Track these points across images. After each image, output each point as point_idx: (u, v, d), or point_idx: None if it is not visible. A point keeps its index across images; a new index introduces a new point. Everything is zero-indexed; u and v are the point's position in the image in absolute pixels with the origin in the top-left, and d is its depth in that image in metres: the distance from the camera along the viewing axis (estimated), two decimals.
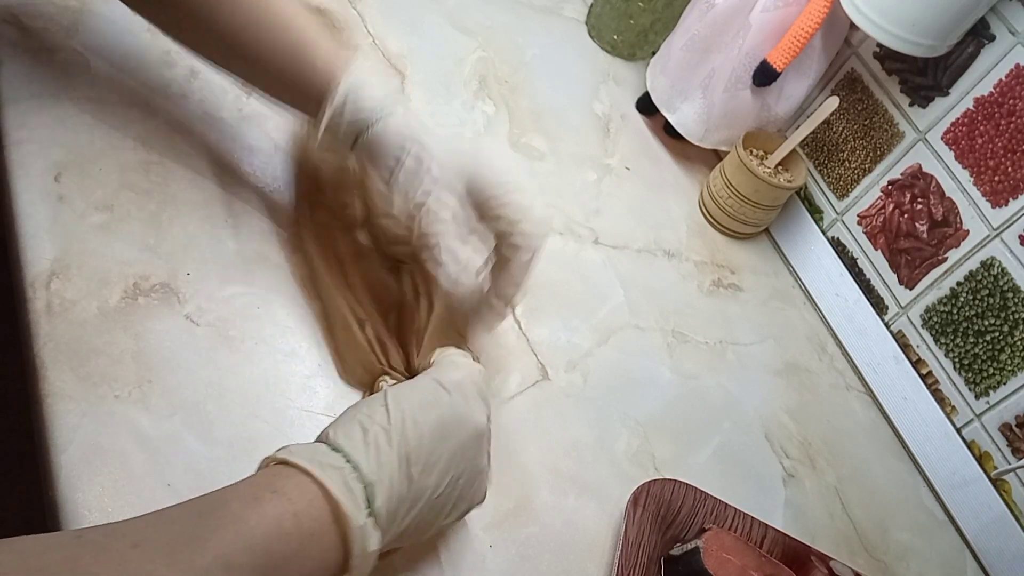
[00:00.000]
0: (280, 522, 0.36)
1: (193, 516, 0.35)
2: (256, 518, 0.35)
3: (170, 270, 0.53)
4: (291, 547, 0.36)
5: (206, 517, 0.35)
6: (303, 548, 0.36)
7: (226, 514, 0.35)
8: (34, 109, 0.55)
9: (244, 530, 0.35)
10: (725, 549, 0.54)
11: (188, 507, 0.35)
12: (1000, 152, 0.68)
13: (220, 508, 0.35)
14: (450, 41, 0.84)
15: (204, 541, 0.33)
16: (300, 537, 0.36)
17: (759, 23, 0.76)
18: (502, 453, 0.56)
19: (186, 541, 0.33)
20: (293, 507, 0.36)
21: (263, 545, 0.35)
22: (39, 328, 0.46)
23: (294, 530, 0.36)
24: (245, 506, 0.36)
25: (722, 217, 0.83)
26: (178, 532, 0.34)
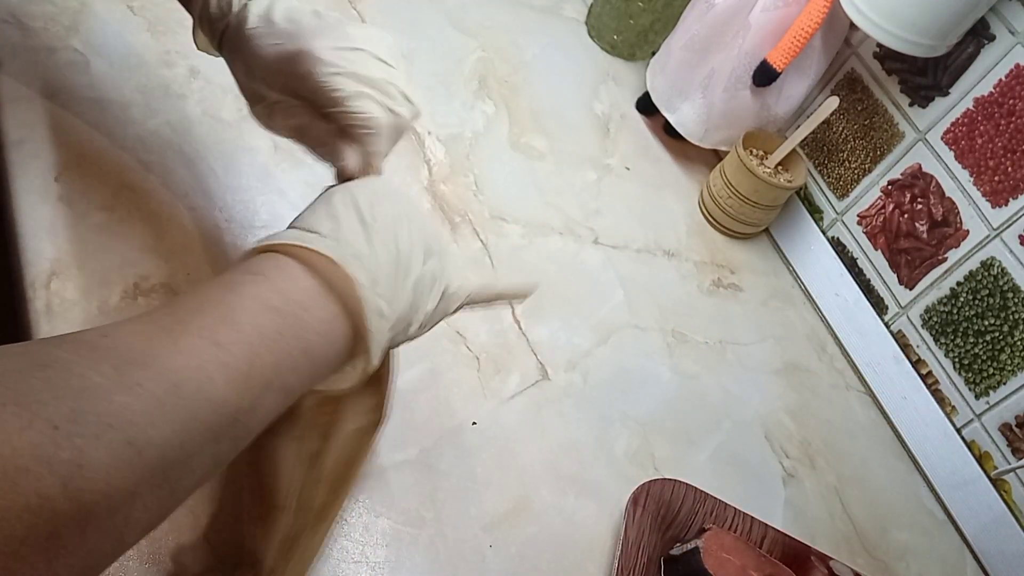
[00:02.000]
0: (265, 299, 0.33)
1: (168, 308, 0.32)
2: (237, 299, 0.33)
3: (170, 270, 0.53)
4: (284, 321, 0.33)
5: (184, 306, 0.32)
6: (298, 320, 0.34)
7: (205, 300, 0.33)
8: (34, 109, 0.55)
9: (226, 311, 0.32)
10: (725, 549, 0.54)
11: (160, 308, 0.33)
12: (1000, 152, 0.68)
13: (195, 298, 0.33)
14: (450, 41, 0.84)
15: (184, 324, 0.31)
16: (292, 312, 0.34)
17: (759, 23, 0.76)
18: (502, 453, 0.56)
19: (162, 329, 0.30)
20: (274, 284, 0.34)
21: (250, 321, 0.32)
22: (39, 328, 0.46)
23: (283, 305, 0.33)
24: (224, 291, 0.33)
25: (722, 217, 0.83)
26: (155, 321, 0.31)
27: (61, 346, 0.28)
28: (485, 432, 0.57)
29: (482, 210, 0.71)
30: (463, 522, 0.52)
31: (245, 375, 0.31)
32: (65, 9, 0.62)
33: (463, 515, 0.52)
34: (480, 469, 0.55)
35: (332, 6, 0.78)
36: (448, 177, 0.71)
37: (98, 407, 0.26)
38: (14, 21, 0.59)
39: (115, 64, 0.61)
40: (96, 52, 0.61)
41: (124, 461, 0.26)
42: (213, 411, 0.30)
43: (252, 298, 0.33)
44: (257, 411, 0.32)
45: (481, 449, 0.56)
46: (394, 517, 0.50)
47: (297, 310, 0.34)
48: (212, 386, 0.30)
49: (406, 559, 0.49)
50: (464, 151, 0.74)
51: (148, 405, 0.27)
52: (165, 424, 0.28)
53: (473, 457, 0.55)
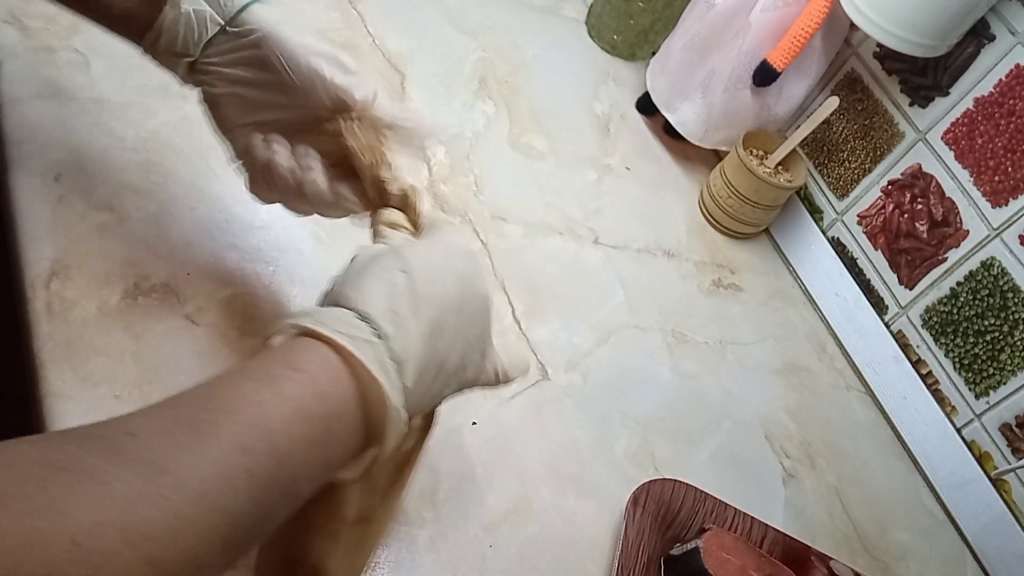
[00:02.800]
0: (302, 403, 0.31)
1: (200, 400, 0.30)
2: (274, 399, 0.31)
3: (170, 270, 0.53)
4: (315, 430, 0.32)
5: (216, 400, 0.30)
6: (328, 431, 0.32)
7: (239, 396, 0.31)
8: (34, 109, 0.55)
9: (260, 413, 0.30)
10: (725, 549, 0.54)
11: (194, 392, 0.31)
12: (1000, 152, 0.68)
13: (232, 389, 0.31)
14: (450, 41, 0.84)
15: (214, 426, 0.29)
16: (324, 419, 0.32)
17: (759, 23, 0.76)
18: (502, 453, 0.56)
19: (193, 427, 0.29)
20: (316, 387, 0.32)
21: (283, 429, 0.31)
22: (39, 328, 0.46)
23: (318, 411, 0.32)
24: (261, 386, 0.31)
25: (722, 217, 0.83)
26: (184, 417, 0.29)
27: (84, 445, 0.26)
28: (485, 432, 0.57)
29: (482, 210, 0.71)
30: (463, 522, 0.52)
31: (267, 486, 0.30)
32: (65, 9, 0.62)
33: (463, 515, 0.52)
34: (480, 469, 0.55)
35: (332, 7, 0.78)
36: (448, 177, 0.71)
37: (121, 520, 0.25)
38: (14, 21, 0.59)
39: (115, 64, 0.61)
40: (96, 52, 0.61)
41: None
42: (231, 524, 0.28)
43: (290, 401, 0.31)
44: (268, 520, 0.31)
45: (481, 449, 0.56)
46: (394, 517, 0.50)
47: (331, 422, 0.32)
48: (234, 496, 0.28)
49: (406, 559, 0.49)
50: (464, 151, 0.74)
51: (170, 519, 0.26)
52: (185, 540, 0.26)
53: (473, 457, 0.55)
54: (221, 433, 0.29)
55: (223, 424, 0.29)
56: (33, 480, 0.24)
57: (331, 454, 0.33)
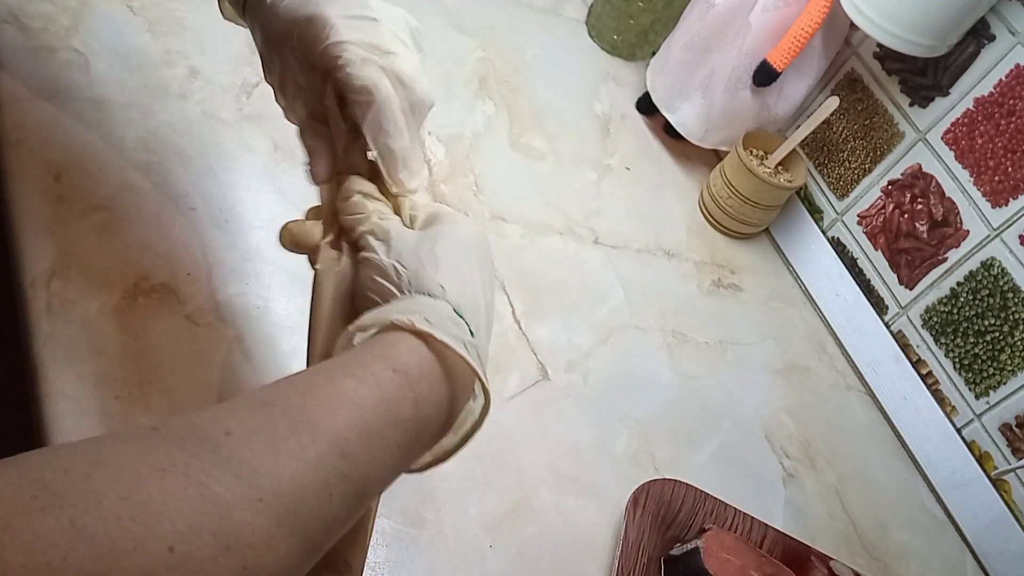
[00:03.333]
0: (400, 408, 0.31)
1: (297, 396, 0.29)
2: (374, 402, 0.30)
3: (170, 270, 0.53)
4: (407, 436, 0.31)
5: (314, 397, 0.29)
6: (419, 437, 0.32)
7: (338, 394, 0.30)
8: (34, 109, 0.55)
9: (360, 416, 0.29)
10: (725, 549, 0.54)
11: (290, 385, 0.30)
12: (1000, 152, 0.68)
13: (330, 386, 0.30)
14: (450, 41, 0.84)
15: (313, 426, 0.28)
16: (417, 424, 0.32)
17: (759, 23, 0.76)
18: (502, 453, 0.56)
19: (291, 425, 0.27)
20: (415, 392, 0.32)
21: (379, 432, 0.30)
22: (39, 328, 0.46)
23: (414, 417, 0.31)
24: (361, 385, 0.30)
25: (722, 217, 0.83)
26: (280, 415, 0.28)
27: (182, 445, 0.25)
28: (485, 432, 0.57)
29: (482, 210, 0.71)
30: (463, 522, 0.52)
31: (359, 489, 0.29)
32: (65, 9, 0.62)
33: (463, 515, 0.52)
34: (480, 469, 0.55)
35: None
36: (448, 177, 0.71)
37: (218, 525, 0.24)
38: (14, 21, 0.59)
39: (115, 64, 0.61)
40: (96, 52, 0.61)
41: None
42: (323, 530, 0.28)
43: (387, 404, 0.31)
44: (349, 522, 0.30)
45: (481, 449, 0.56)
46: (394, 517, 0.50)
47: (422, 426, 0.32)
48: (328, 504, 0.28)
49: (406, 559, 0.49)
50: (464, 151, 0.74)
51: (268, 525, 0.25)
52: (281, 546, 0.25)
53: (473, 457, 0.55)
54: (320, 435, 0.28)
55: (322, 425, 0.28)
56: (128, 481, 0.23)
57: (415, 455, 0.33)
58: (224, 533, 0.24)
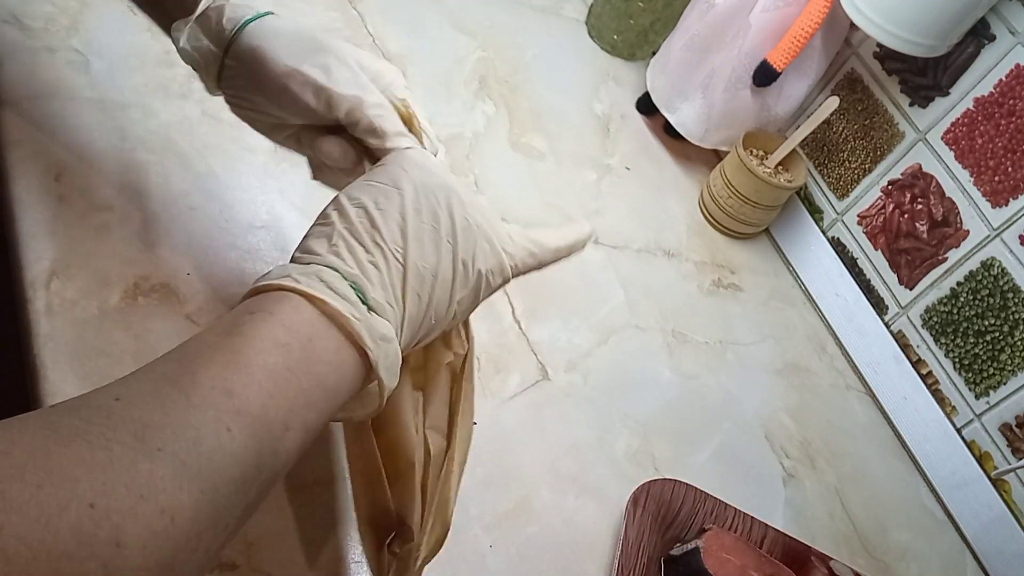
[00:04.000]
0: (271, 335, 0.32)
1: (174, 361, 0.31)
2: (243, 341, 0.31)
3: (170, 270, 0.53)
4: (293, 357, 0.32)
5: (188, 357, 0.31)
6: (308, 356, 0.33)
7: (208, 348, 0.31)
8: (34, 109, 0.55)
9: (232, 356, 0.31)
10: (725, 549, 0.54)
11: (166, 356, 0.31)
12: (1000, 152, 0.68)
13: (200, 345, 0.32)
14: (450, 41, 0.84)
15: (193, 376, 0.29)
16: (300, 345, 0.32)
17: (759, 23, 0.76)
18: (502, 453, 0.56)
19: (173, 383, 0.29)
20: (278, 319, 0.33)
21: (259, 362, 0.31)
22: (39, 328, 0.46)
23: (290, 340, 0.32)
24: (227, 335, 0.32)
25: (722, 217, 0.83)
26: (162, 377, 0.30)
27: (78, 415, 0.27)
28: (485, 432, 0.57)
29: None
30: (463, 522, 0.52)
31: (261, 419, 0.30)
32: (65, 9, 0.62)
33: (463, 515, 0.52)
34: (480, 469, 0.55)
35: (332, 7, 0.78)
36: None
37: (127, 478, 0.25)
38: (14, 21, 0.59)
39: (115, 64, 0.61)
40: (96, 52, 0.61)
41: (159, 532, 0.25)
42: (236, 462, 0.29)
43: (258, 338, 0.32)
44: (280, 454, 0.31)
45: (481, 449, 0.56)
46: None
47: (304, 342, 0.33)
48: (230, 437, 0.29)
49: None
50: (464, 151, 0.74)
51: (173, 468, 0.27)
52: (193, 485, 0.27)
53: (473, 457, 0.55)
54: (201, 382, 0.29)
55: (201, 374, 0.30)
56: (39, 451, 0.24)
57: (322, 378, 0.33)
58: (135, 483, 0.25)
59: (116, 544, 0.24)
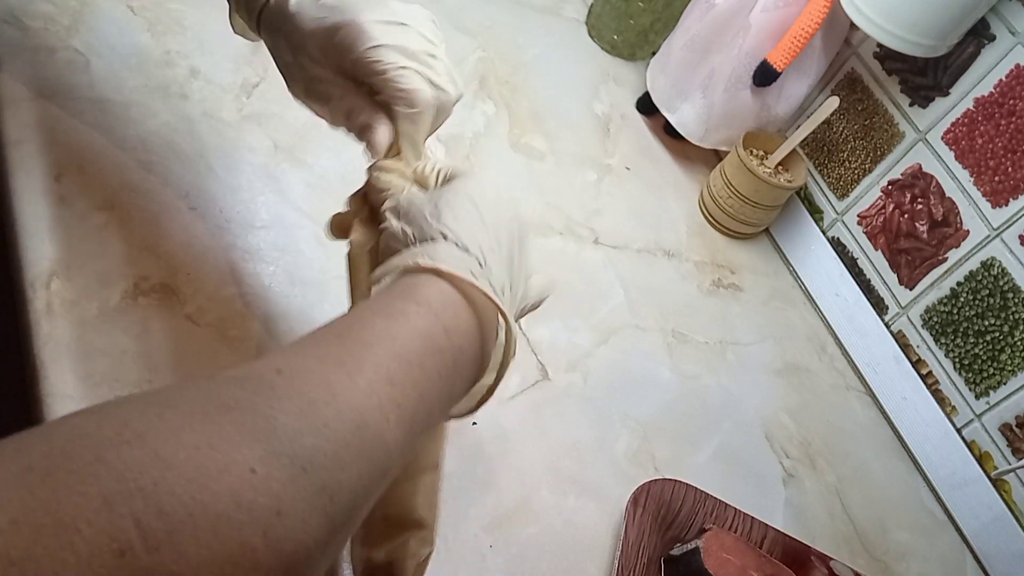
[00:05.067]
0: (432, 336, 0.32)
1: (336, 339, 0.31)
2: (407, 333, 0.31)
3: (170, 270, 0.53)
4: (444, 363, 0.33)
5: (351, 337, 0.31)
6: (456, 364, 0.33)
7: (373, 332, 0.31)
8: (34, 109, 0.55)
9: (397, 347, 0.31)
10: (725, 549, 0.54)
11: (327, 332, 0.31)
12: (1000, 152, 0.68)
13: (364, 327, 0.31)
14: (450, 41, 0.83)
15: (357, 360, 0.29)
16: (452, 352, 0.33)
17: (759, 23, 0.76)
18: (502, 453, 0.56)
19: (337, 363, 0.29)
20: (441, 320, 0.33)
21: (419, 361, 0.31)
22: (39, 328, 0.46)
23: (446, 345, 0.33)
24: (392, 321, 0.32)
25: (722, 217, 0.83)
26: (325, 355, 0.29)
27: (242, 385, 0.26)
28: (485, 432, 0.57)
29: None
30: (463, 522, 0.52)
31: (413, 416, 0.30)
32: (65, 9, 0.62)
33: (463, 515, 0.52)
34: (480, 469, 0.55)
35: None
36: None
37: (291, 449, 0.25)
38: (14, 21, 0.59)
39: (115, 64, 0.61)
40: (96, 52, 0.61)
41: (319, 509, 0.25)
42: (387, 454, 0.29)
43: (420, 335, 0.32)
44: (410, 453, 0.32)
45: (481, 449, 0.56)
46: None
47: (457, 354, 0.33)
48: (388, 427, 0.29)
49: None
50: (464, 151, 0.74)
51: (337, 447, 0.26)
52: (352, 467, 0.27)
53: (473, 457, 0.55)
54: (366, 367, 0.29)
55: (365, 358, 0.30)
56: (198, 416, 0.24)
57: (456, 388, 0.34)
58: (299, 456, 0.25)
59: (277, 513, 0.23)
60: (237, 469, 0.23)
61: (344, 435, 0.27)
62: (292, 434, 0.25)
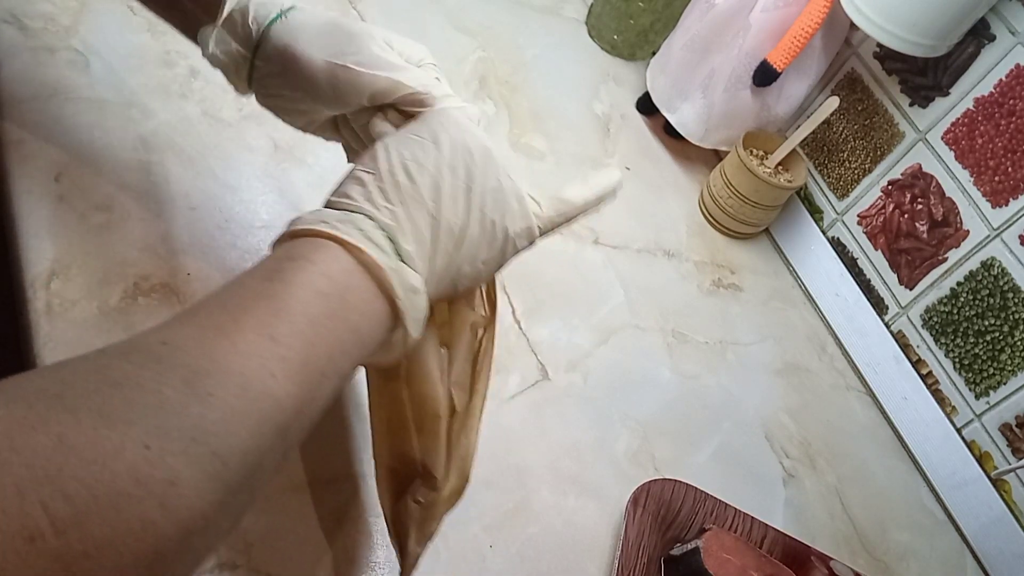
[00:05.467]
0: (310, 283, 0.33)
1: (215, 307, 0.31)
2: (284, 287, 0.32)
3: (170, 270, 0.53)
4: (332, 305, 0.33)
5: (230, 303, 0.31)
6: (345, 304, 0.34)
7: (250, 294, 0.32)
8: (34, 109, 0.55)
9: (275, 303, 0.31)
10: (725, 549, 0.54)
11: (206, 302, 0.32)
12: (1000, 152, 0.68)
13: (241, 291, 0.32)
14: (450, 41, 0.84)
15: (236, 323, 0.30)
16: (338, 294, 0.33)
17: (759, 23, 0.76)
18: (502, 453, 0.56)
19: (217, 329, 0.30)
20: (318, 267, 0.33)
21: (301, 310, 0.32)
22: (39, 328, 0.46)
23: (329, 289, 0.33)
24: (268, 281, 0.33)
25: (722, 217, 0.83)
26: (206, 323, 0.30)
27: (129, 359, 0.28)
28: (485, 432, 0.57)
29: None
30: (463, 522, 0.52)
31: (303, 366, 0.31)
32: (65, 9, 0.62)
33: (463, 515, 0.52)
34: (480, 469, 0.55)
35: (332, 6, 0.78)
36: None
37: (179, 422, 0.26)
38: (14, 21, 0.59)
39: (115, 64, 0.61)
40: (96, 52, 0.61)
41: (212, 475, 0.26)
42: (280, 409, 0.30)
43: (300, 285, 0.33)
44: (316, 400, 0.32)
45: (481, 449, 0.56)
46: None
47: (342, 291, 0.34)
48: (275, 383, 0.30)
49: None
50: None
51: (224, 414, 0.27)
52: (242, 429, 0.28)
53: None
54: (246, 328, 0.30)
55: (244, 320, 0.30)
56: (93, 394, 0.25)
57: (357, 326, 0.34)
58: (187, 427, 0.26)
59: (172, 484, 0.25)
60: (132, 446, 0.24)
61: (229, 400, 0.28)
62: (178, 407, 0.26)
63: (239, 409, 0.28)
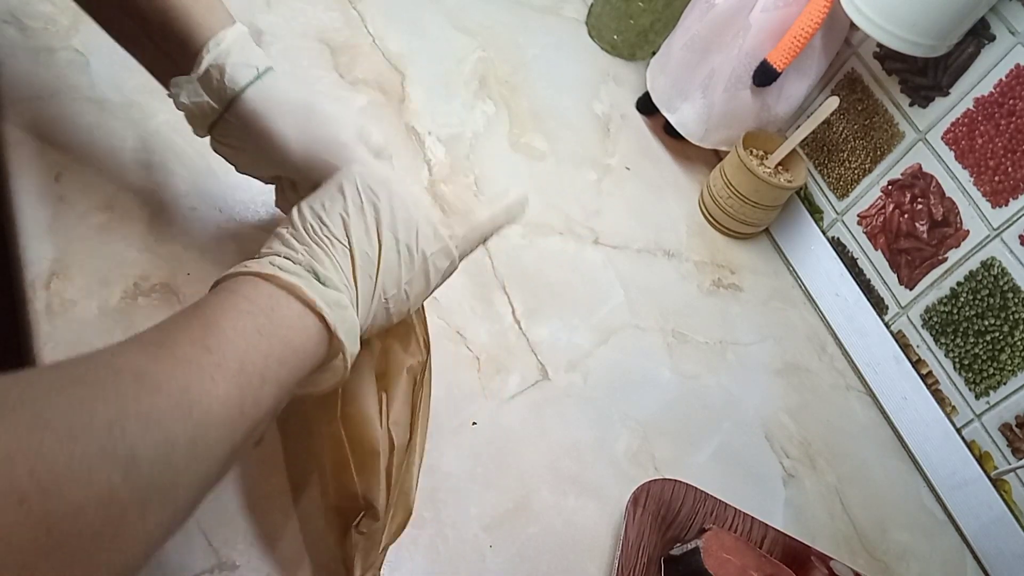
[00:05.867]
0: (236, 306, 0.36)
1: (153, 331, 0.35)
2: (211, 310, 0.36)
3: (170, 270, 0.53)
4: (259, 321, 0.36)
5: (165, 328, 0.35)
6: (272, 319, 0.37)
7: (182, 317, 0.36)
8: (34, 109, 0.55)
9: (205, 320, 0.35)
10: (725, 549, 0.54)
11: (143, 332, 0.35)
12: (1000, 152, 0.68)
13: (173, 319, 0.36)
14: (450, 41, 0.84)
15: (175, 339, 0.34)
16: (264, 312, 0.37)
17: (759, 23, 0.76)
18: (502, 453, 0.56)
19: (158, 344, 0.34)
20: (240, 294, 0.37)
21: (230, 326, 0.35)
22: (39, 328, 0.46)
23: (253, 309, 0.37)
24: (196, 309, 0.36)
25: (722, 217, 0.83)
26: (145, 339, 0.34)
27: (84, 365, 0.31)
28: (485, 432, 0.57)
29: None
30: (463, 522, 0.52)
31: (239, 371, 0.34)
32: (65, 9, 0.62)
33: (463, 515, 0.52)
34: (480, 469, 0.55)
35: (332, 7, 0.78)
36: (448, 177, 0.71)
37: (134, 409, 0.30)
38: (14, 21, 0.59)
39: (115, 64, 0.61)
40: (96, 52, 0.61)
41: (162, 458, 0.30)
42: (222, 405, 0.33)
43: (225, 308, 0.36)
44: (261, 403, 0.35)
45: (481, 449, 0.56)
46: None
47: (266, 310, 0.37)
48: (214, 384, 0.33)
49: (406, 559, 0.49)
50: (464, 151, 0.74)
51: (171, 405, 0.31)
52: (188, 421, 0.31)
53: (473, 457, 0.55)
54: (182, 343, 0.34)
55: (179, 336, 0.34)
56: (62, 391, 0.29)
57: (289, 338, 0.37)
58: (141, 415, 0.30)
59: (132, 459, 0.29)
60: (98, 424, 0.28)
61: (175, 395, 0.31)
62: (131, 398, 0.30)
63: (184, 404, 0.31)
